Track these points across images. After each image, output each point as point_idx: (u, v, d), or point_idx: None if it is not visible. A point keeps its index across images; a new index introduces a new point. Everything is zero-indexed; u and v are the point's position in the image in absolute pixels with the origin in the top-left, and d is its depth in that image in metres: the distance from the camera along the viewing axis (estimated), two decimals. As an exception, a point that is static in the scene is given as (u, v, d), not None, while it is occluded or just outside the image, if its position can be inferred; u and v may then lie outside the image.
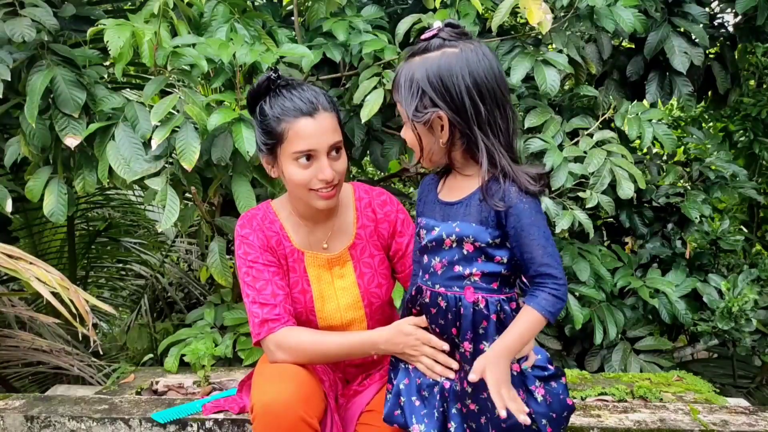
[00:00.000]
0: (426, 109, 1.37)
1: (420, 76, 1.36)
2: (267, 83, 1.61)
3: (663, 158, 3.22)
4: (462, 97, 1.34)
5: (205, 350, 2.22)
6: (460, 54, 1.36)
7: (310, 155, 1.57)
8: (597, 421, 1.96)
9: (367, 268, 1.73)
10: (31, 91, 2.14)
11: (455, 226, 1.40)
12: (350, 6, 2.53)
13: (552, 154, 2.41)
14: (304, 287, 1.69)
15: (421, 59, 1.39)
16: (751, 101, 3.53)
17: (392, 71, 2.41)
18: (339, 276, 1.71)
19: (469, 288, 1.42)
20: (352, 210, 1.75)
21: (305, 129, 1.56)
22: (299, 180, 1.58)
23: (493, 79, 1.37)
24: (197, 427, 1.94)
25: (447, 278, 1.43)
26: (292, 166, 1.59)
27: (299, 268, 1.70)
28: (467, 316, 1.41)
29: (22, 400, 2.10)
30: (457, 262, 1.41)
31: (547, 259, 1.35)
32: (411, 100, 1.37)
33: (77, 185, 2.30)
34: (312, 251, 1.71)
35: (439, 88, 1.35)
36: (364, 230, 1.74)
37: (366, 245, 1.74)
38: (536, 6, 2.21)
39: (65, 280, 1.93)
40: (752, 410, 2.09)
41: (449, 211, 1.44)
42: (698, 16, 2.80)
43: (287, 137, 1.57)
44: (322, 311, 1.70)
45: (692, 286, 2.73)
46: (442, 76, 1.35)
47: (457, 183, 1.47)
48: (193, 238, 4.24)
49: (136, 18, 2.17)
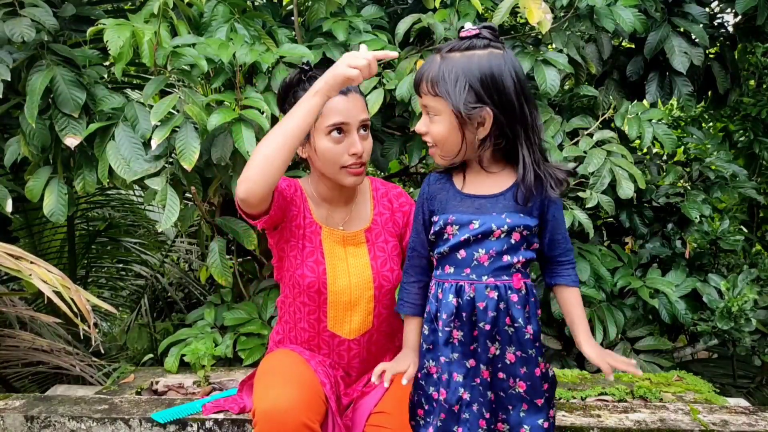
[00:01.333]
0: (474, 105, 1.39)
1: (469, 72, 1.39)
2: (299, 75, 1.70)
3: (663, 158, 3.22)
4: (511, 97, 1.40)
5: (205, 350, 2.22)
6: (506, 56, 1.42)
7: (342, 129, 1.65)
8: (597, 421, 1.96)
9: (381, 252, 1.79)
10: (31, 91, 2.14)
11: (505, 216, 1.45)
12: (350, 6, 2.53)
13: (552, 153, 2.42)
14: (318, 258, 1.73)
15: (466, 57, 1.41)
16: (751, 101, 3.54)
17: (392, 71, 2.42)
18: (353, 255, 1.76)
19: (517, 275, 1.47)
20: (369, 199, 1.84)
21: (339, 104, 1.64)
22: (332, 155, 1.66)
23: (527, 83, 1.46)
24: (197, 427, 1.94)
25: (495, 268, 1.45)
26: (324, 140, 1.65)
27: (315, 239, 1.75)
28: (520, 301, 1.46)
29: (22, 400, 2.10)
30: (506, 252, 1.45)
31: (567, 244, 1.55)
32: (459, 94, 1.39)
33: (77, 185, 2.30)
34: (329, 227, 1.77)
35: (490, 86, 1.39)
36: (380, 217, 1.82)
37: (381, 231, 1.81)
38: (536, 6, 2.22)
39: (67, 279, 1.93)
40: (752, 410, 2.09)
41: (486, 203, 1.47)
42: (698, 16, 2.80)
43: (322, 112, 1.60)
44: (334, 285, 1.73)
45: (692, 286, 2.73)
46: (494, 75, 1.39)
47: (483, 178, 1.50)
48: (193, 238, 4.24)
49: (136, 18, 2.17)
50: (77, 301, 1.88)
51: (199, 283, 3.93)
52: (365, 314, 1.74)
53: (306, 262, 1.72)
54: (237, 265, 2.56)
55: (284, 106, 1.73)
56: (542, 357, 1.50)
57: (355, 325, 1.74)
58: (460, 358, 1.47)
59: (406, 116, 2.59)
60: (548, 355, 2.74)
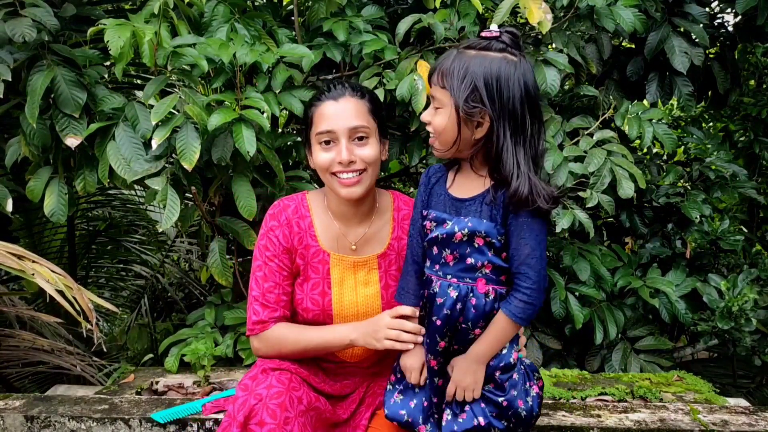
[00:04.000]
0: (475, 105, 1.39)
1: (477, 72, 1.39)
2: None
3: (663, 158, 3.22)
4: (514, 105, 1.39)
5: (205, 350, 2.22)
6: (519, 64, 1.41)
7: (330, 137, 1.60)
8: (597, 421, 1.97)
9: (393, 282, 1.71)
10: (32, 91, 2.14)
11: (467, 221, 1.46)
12: (350, 6, 2.53)
13: (552, 153, 2.42)
14: (324, 290, 1.68)
15: (480, 56, 1.41)
16: (751, 101, 3.54)
17: (392, 71, 2.42)
18: (363, 283, 1.70)
19: (482, 279, 1.47)
20: (390, 220, 1.75)
21: (326, 110, 1.61)
22: (320, 162, 1.63)
23: (537, 95, 1.44)
24: (197, 427, 1.94)
25: (460, 269, 1.48)
26: (317, 149, 1.63)
27: (322, 269, 1.69)
28: (479, 306, 1.46)
29: (22, 400, 2.10)
30: (469, 255, 1.46)
31: (530, 260, 1.43)
32: (463, 91, 1.40)
33: (78, 185, 2.30)
34: (338, 253, 1.70)
35: (494, 90, 1.39)
36: (398, 242, 1.73)
37: (396, 258, 1.73)
38: (536, 6, 2.22)
39: (69, 278, 1.93)
40: (752, 410, 2.09)
41: (461, 206, 1.49)
42: (698, 16, 2.80)
43: (314, 121, 1.61)
44: (340, 314, 1.68)
45: (692, 285, 2.74)
46: (500, 79, 1.39)
47: (468, 180, 1.51)
48: (193, 238, 4.25)
49: (137, 18, 2.17)
50: (80, 301, 1.88)
51: (200, 283, 3.94)
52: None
53: (309, 295, 1.68)
54: (237, 265, 2.56)
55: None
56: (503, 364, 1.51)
57: (359, 350, 1.72)
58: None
59: (407, 116, 2.59)
60: (548, 355, 2.74)
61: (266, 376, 1.57)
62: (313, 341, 1.63)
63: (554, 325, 2.75)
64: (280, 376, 1.57)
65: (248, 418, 1.47)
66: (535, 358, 2.63)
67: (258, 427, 1.46)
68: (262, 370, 1.62)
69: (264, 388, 1.52)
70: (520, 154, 1.41)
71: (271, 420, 1.46)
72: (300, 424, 1.51)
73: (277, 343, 1.65)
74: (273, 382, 1.54)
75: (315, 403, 1.61)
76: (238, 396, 1.53)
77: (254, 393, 1.52)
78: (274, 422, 1.46)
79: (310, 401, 1.59)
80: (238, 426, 1.46)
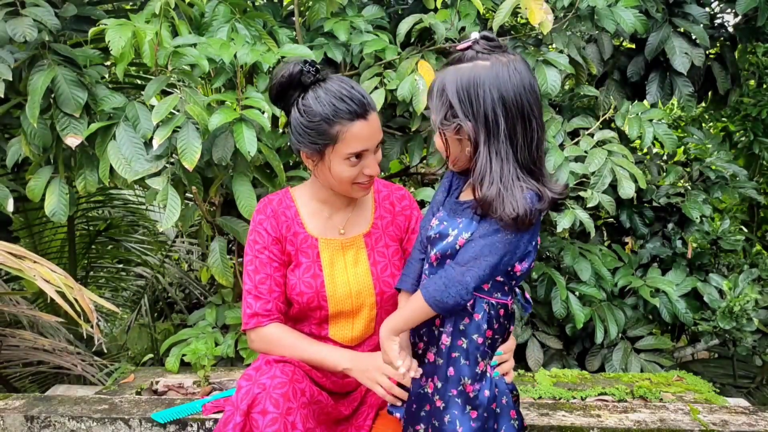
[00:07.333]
0: (452, 120, 1.39)
1: (449, 87, 1.39)
2: (298, 77, 1.61)
3: (663, 158, 3.22)
4: (486, 111, 1.35)
5: (206, 350, 2.22)
6: (490, 68, 1.37)
7: (360, 154, 1.62)
8: (597, 421, 1.97)
9: (381, 257, 1.76)
10: (33, 90, 2.14)
11: (459, 222, 1.46)
12: (351, 6, 2.53)
13: (553, 153, 2.42)
14: (315, 272, 1.72)
15: (454, 69, 1.40)
16: (751, 101, 3.54)
17: (393, 71, 2.42)
18: (353, 263, 1.74)
19: None
20: (371, 201, 1.81)
21: (361, 132, 1.60)
22: (347, 176, 1.64)
23: (522, 94, 1.37)
24: (197, 427, 1.95)
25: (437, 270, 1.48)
26: (342, 164, 1.63)
27: (312, 253, 1.72)
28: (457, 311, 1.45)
29: (22, 400, 2.10)
30: (449, 256, 1.46)
31: (467, 262, 1.39)
32: (440, 109, 1.41)
33: (78, 185, 2.31)
34: (326, 237, 1.74)
35: (465, 100, 1.37)
36: (381, 221, 1.80)
37: (382, 235, 1.79)
38: (537, 6, 2.22)
39: (70, 278, 1.93)
40: (752, 410, 2.09)
41: (458, 209, 1.49)
42: (699, 17, 2.80)
43: (342, 139, 1.60)
44: (334, 296, 1.71)
45: (692, 285, 2.74)
46: (469, 88, 1.36)
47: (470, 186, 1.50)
48: (193, 238, 4.24)
49: (138, 18, 2.17)
50: (80, 301, 1.88)
51: (200, 284, 3.94)
52: (367, 321, 1.74)
53: (302, 279, 1.70)
54: (238, 265, 2.56)
55: (278, 104, 1.68)
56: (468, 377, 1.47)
57: (357, 332, 1.74)
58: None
59: (407, 116, 2.59)
60: (549, 355, 2.74)
61: (270, 368, 1.59)
62: (306, 353, 1.66)
63: (554, 325, 2.75)
64: (283, 368, 1.59)
65: (251, 407, 1.50)
66: (535, 358, 2.63)
67: (260, 415, 1.48)
68: (266, 361, 1.64)
69: (267, 378, 1.54)
70: (494, 160, 1.36)
71: (273, 409, 1.48)
72: (302, 415, 1.53)
73: (272, 343, 1.69)
74: (277, 372, 1.56)
75: (317, 397, 1.63)
76: (242, 385, 1.55)
77: (258, 382, 1.54)
78: (276, 411, 1.48)
79: (312, 394, 1.61)
80: (241, 414, 1.49)
